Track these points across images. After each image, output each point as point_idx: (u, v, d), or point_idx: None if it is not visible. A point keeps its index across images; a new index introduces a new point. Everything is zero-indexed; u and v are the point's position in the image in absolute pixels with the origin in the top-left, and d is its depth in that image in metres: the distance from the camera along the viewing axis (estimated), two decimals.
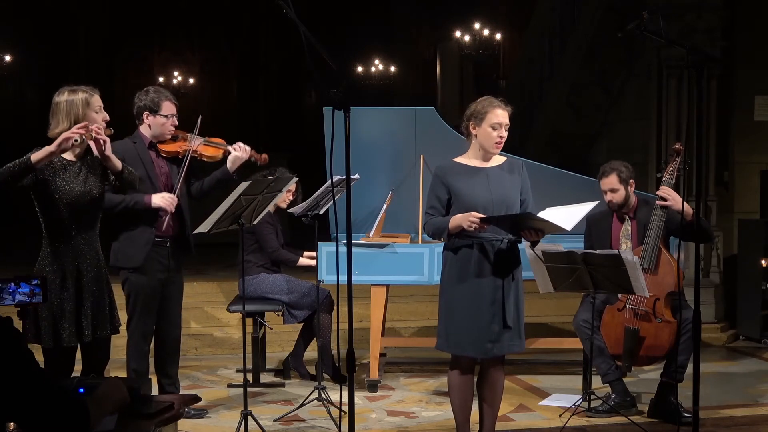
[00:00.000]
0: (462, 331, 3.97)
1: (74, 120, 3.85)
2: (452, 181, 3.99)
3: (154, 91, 4.64)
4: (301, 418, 4.93)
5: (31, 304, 3.78)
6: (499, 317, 3.94)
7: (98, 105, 3.95)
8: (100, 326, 3.94)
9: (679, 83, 7.45)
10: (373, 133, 5.67)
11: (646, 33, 3.90)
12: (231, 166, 4.73)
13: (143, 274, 4.53)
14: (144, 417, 2.81)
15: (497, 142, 3.98)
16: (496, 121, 3.96)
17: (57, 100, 3.91)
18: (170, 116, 4.63)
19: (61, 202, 3.83)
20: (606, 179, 5.00)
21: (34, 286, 3.76)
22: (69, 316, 3.83)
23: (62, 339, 3.82)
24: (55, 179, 3.82)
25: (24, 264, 4.01)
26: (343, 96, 3.42)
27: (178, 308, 4.80)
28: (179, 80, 17.13)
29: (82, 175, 3.89)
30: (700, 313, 3.88)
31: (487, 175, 4.00)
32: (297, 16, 3.43)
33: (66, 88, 3.94)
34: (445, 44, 15.00)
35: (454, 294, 3.98)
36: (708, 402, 4.98)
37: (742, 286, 7.27)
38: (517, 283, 4.02)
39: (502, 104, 4.01)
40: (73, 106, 3.87)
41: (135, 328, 4.59)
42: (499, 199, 3.96)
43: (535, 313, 7.01)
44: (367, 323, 5.70)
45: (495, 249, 3.95)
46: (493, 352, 3.98)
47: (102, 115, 3.95)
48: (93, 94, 3.95)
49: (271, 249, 5.65)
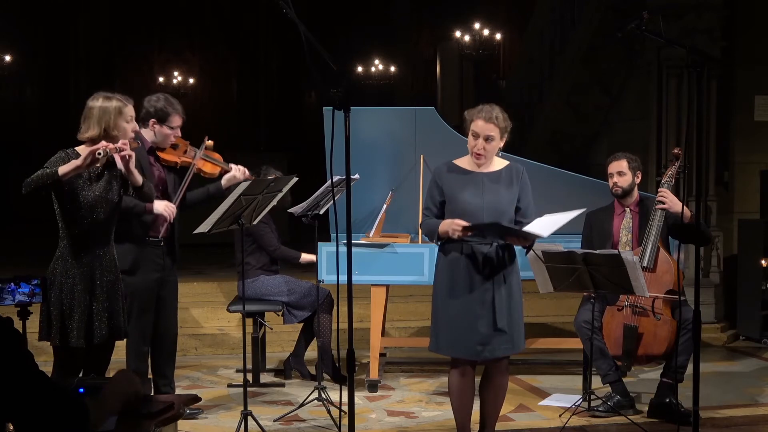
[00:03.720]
0: (452, 334, 3.97)
1: (105, 127, 3.86)
2: (446, 184, 3.99)
3: (165, 101, 4.64)
4: (301, 418, 4.93)
5: (31, 304, 3.79)
6: (489, 320, 3.92)
7: (130, 115, 3.97)
8: (111, 331, 3.95)
9: (679, 83, 7.45)
10: (373, 133, 5.67)
11: (646, 33, 3.90)
12: (225, 184, 4.78)
13: (137, 274, 4.53)
14: (144, 417, 2.80)
15: (475, 152, 3.95)
16: (475, 130, 3.94)
17: (91, 105, 3.92)
18: (176, 128, 4.66)
19: (80, 206, 3.84)
20: (616, 162, 5.05)
21: (34, 286, 3.77)
22: (79, 318, 3.83)
23: (69, 339, 3.83)
24: (77, 182, 3.84)
25: (23, 264, 4.01)
26: (343, 96, 3.42)
27: (174, 308, 4.81)
28: (179, 80, 17.11)
29: (103, 181, 3.90)
30: (700, 313, 3.89)
31: (482, 181, 3.98)
32: (297, 16, 3.43)
33: (101, 94, 3.96)
34: (445, 44, 14.99)
35: (445, 296, 3.99)
36: (708, 402, 4.98)
37: (742, 286, 7.27)
38: (510, 286, 3.98)
39: (491, 116, 3.91)
40: (106, 114, 3.88)
41: (133, 328, 4.58)
42: (491, 206, 3.94)
43: (535, 313, 7.01)
44: (367, 323, 5.70)
45: (485, 252, 3.94)
46: (484, 355, 3.97)
47: (132, 126, 3.98)
48: (126, 104, 3.96)
49: (272, 247, 5.64)
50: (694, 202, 4.86)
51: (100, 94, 3.96)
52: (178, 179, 4.70)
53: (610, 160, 5.09)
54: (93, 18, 16.15)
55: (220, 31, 17.23)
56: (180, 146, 4.73)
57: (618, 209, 5.13)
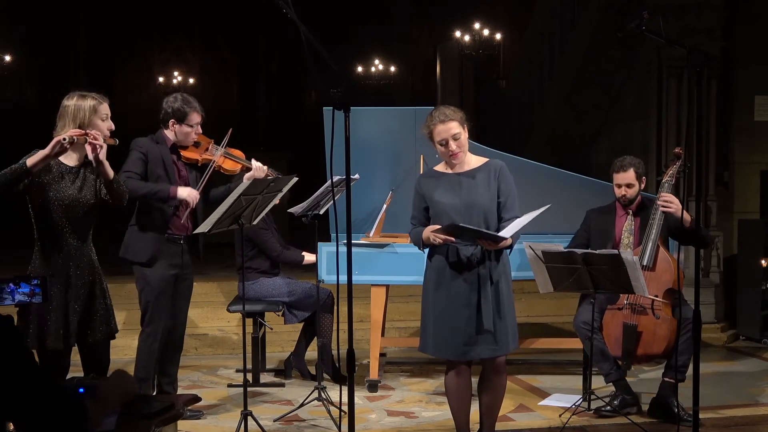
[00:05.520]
0: (438, 334, 4.00)
1: (79, 125, 3.86)
2: (427, 189, 4.05)
3: (182, 101, 4.68)
4: (301, 418, 4.93)
5: (32, 304, 3.79)
6: (474, 321, 3.92)
7: (105, 113, 3.96)
8: (91, 331, 3.91)
9: (679, 83, 7.45)
10: (373, 133, 5.67)
11: (646, 33, 3.90)
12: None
13: (154, 269, 4.57)
14: (144, 417, 2.81)
15: (451, 156, 3.99)
16: (440, 138, 3.97)
17: (65, 104, 3.92)
18: (195, 125, 4.69)
19: (54, 207, 3.82)
20: (625, 173, 5.01)
21: (34, 286, 3.76)
22: (55, 320, 3.80)
23: (46, 342, 3.80)
24: (51, 184, 3.82)
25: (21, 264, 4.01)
26: (343, 96, 3.42)
27: (185, 306, 4.85)
28: (179, 80, 17.09)
29: (78, 182, 3.88)
30: (700, 313, 3.89)
31: (459, 181, 4.01)
32: (297, 16, 3.43)
33: (76, 93, 3.96)
34: (445, 44, 14.98)
35: (432, 298, 4.03)
36: (708, 402, 4.98)
37: (742, 286, 7.27)
38: (498, 287, 3.97)
39: (444, 115, 3.95)
40: (80, 111, 3.89)
41: (147, 323, 4.61)
42: (468, 203, 3.95)
43: (535, 313, 7.02)
44: (367, 323, 5.70)
45: (469, 254, 3.95)
46: (470, 356, 3.99)
47: (107, 124, 3.96)
48: (102, 102, 3.96)
49: (275, 253, 5.62)
50: (694, 202, 4.86)
51: (75, 92, 3.97)
52: (200, 177, 4.73)
53: (617, 170, 5.01)
54: (93, 18, 16.14)
55: (220, 31, 17.22)
56: (202, 144, 4.78)
57: (620, 211, 5.12)
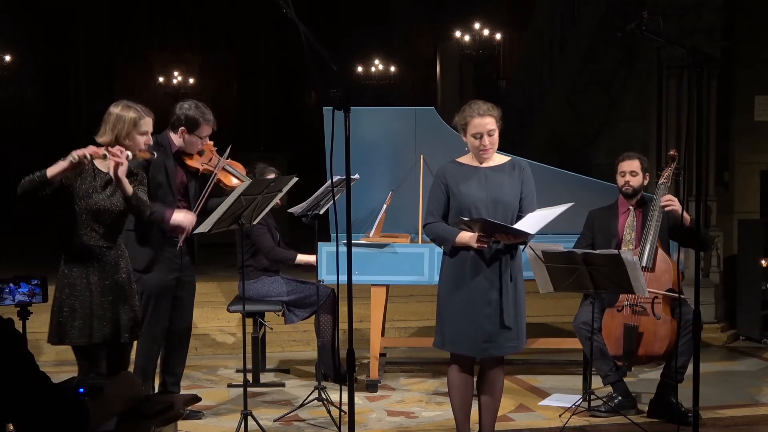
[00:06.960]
0: (458, 330, 3.99)
1: (117, 135, 3.90)
2: (451, 181, 4.03)
3: (198, 111, 4.60)
4: (301, 418, 4.93)
5: (31, 304, 3.81)
6: (496, 317, 3.94)
7: (145, 129, 3.98)
8: (117, 332, 3.96)
9: (679, 83, 7.44)
10: (373, 133, 5.67)
11: (646, 33, 3.91)
12: None
13: (153, 274, 4.56)
14: (144, 417, 2.81)
15: (482, 150, 3.99)
16: (476, 131, 3.97)
17: (110, 111, 3.96)
18: (204, 138, 4.65)
19: (84, 210, 3.86)
20: (630, 161, 5.05)
21: (34, 286, 3.78)
22: (80, 317, 3.86)
23: (70, 337, 3.87)
24: (82, 187, 3.86)
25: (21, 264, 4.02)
26: (343, 96, 3.42)
27: (190, 307, 4.85)
28: (179, 80, 17.09)
29: (109, 189, 3.91)
30: (700, 313, 3.89)
31: (485, 175, 4.02)
32: (297, 16, 3.43)
33: (123, 102, 3.99)
34: (445, 44, 14.98)
35: (451, 294, 4.01)
36: (708, 402, 4.98)
37: (742, 286, 7.27)
38: (516, 284, 4.01)
39: (483, 110, 3.97)
40: (120, 122, 3.92)
41: (146, 327, 4.61)
42: (494, 198, 3.97)
43: (535, 313, 7.00)
44: (367, 323, 5.70)
45: (492, 250, 3.95)
46: (490, 352, 3.99)
47: (145, 139, 3.99)
48: (144, 116, 3.98)
49: (266, 249, 5.61)
50: (694, 202, 4.86)
51: (122, 102, 4.00)
52: (199, 186, 4.70)
53: (623, 159, 5.07)
54: (93, 18, 16.14)
55: (220, 31, 17.22)
56: (206, 153, 4.73)
57: (622, 208, 5.13)
